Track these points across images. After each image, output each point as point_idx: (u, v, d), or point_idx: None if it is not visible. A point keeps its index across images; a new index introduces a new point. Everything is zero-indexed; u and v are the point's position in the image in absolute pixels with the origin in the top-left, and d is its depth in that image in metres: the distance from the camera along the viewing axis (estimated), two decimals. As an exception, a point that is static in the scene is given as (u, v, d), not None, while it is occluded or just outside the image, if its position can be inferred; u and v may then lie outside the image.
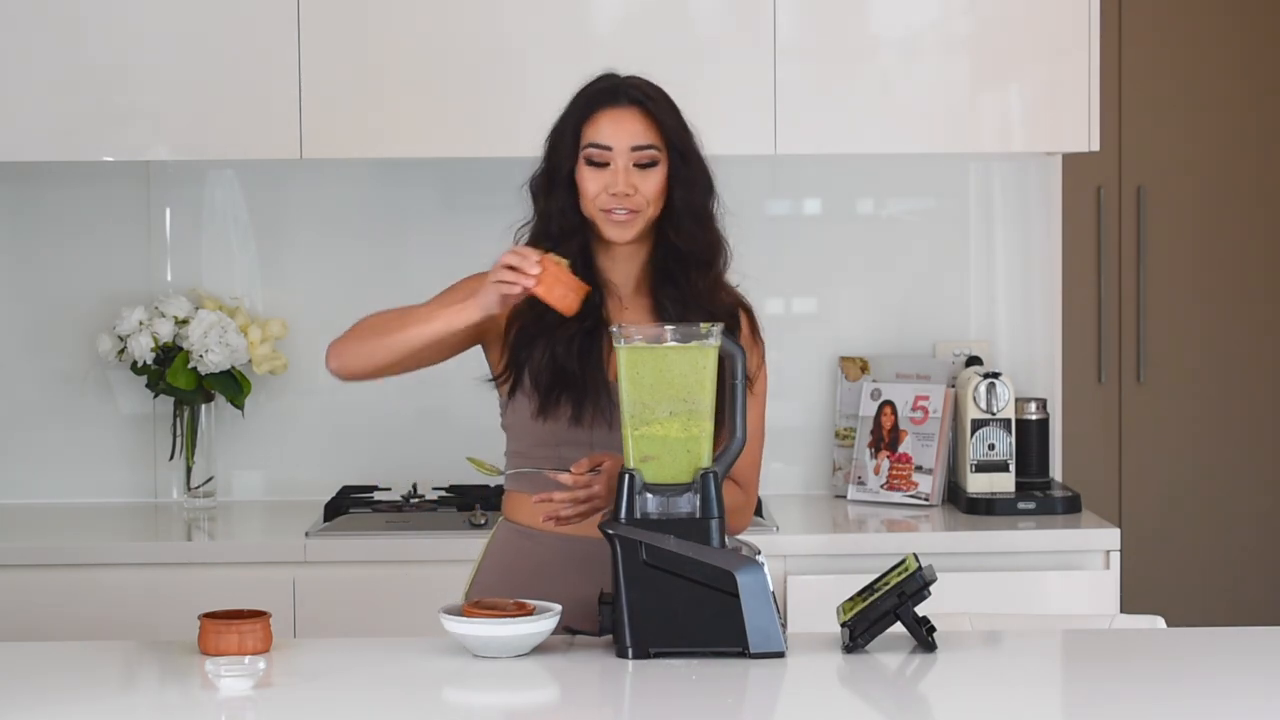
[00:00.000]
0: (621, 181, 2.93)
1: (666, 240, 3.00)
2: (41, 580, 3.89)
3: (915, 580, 2.76)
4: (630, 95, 2.97)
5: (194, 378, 4.28)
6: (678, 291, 2.99)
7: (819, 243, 4.51)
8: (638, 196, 2.94)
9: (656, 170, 2.96)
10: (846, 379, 4.44)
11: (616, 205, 2.94)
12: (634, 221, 2.95)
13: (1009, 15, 4.12)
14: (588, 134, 2.96)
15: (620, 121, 2.95)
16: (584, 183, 2.96)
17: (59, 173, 4.43)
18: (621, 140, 2.95)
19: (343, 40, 4.09)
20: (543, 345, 2.97)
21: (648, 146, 2.95)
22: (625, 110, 2.96)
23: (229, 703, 2.55)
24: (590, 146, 2.95)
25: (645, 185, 2.95)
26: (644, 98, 2.97)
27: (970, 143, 4.18)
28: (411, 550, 3.90)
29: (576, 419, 2.95)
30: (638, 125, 2.96)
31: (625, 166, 2.94)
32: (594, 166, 2.95)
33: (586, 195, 2.96)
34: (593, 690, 2.66)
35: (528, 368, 2.98)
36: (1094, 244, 5.46)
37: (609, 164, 2.94)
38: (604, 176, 2.95)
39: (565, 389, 2.95)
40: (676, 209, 2.98)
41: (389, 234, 4.49)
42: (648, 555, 2.72)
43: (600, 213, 2.95)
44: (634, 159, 2.94)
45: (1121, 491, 5.48)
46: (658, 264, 3.02)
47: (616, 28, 4.14)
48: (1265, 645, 2.88)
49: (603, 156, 2.95)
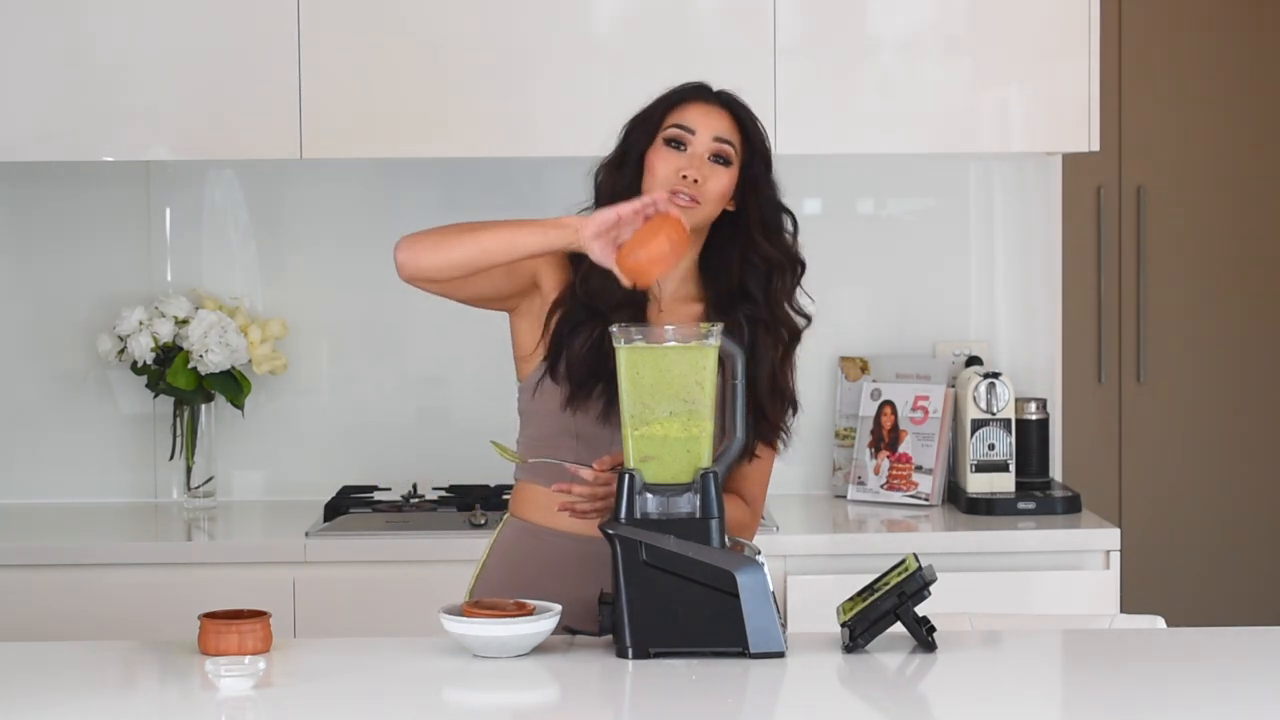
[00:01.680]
0: (696, 167, 2.93)
1: (738, 254, 2.99)
2: (41, 580, 3.89)
3: (915, 580, 2.76)
4: (722, 97, 3.00)
5: (194, 378, 4.28)
6: (755, 309, 2.98)
7: (819, 243, 4.49)
8: (706, 186, 2.94)
9: (728, 171, 2.96)
10: (846, 379, 4.44)
11: (684, 189, 2.93)
12: (694, 211, 2.93)
13: (1009, 15, 4.12)
14: (672, 117, 2.97)
15: (708, 114, 2.98)
16: (656, 163, 2.95)
17: (59, 173, 4.43)
18: (705, 128, 2.96)
19: (343, 40, 4.09)
20: (585, 334, 2.95)
21: (728, 141, 2.97)
22: (715, 107, 2.99)
23: (229, 703, 2.55)
24: (673, 127, 2.96)
25: (714, 180, 2.95)
26: (735, 103, 3.01)
27: (970, 143, 4.18)
28: (411, 550, 3.90)
29: (605, 415, 2.94)
30: (725, 122, 2.98)
31: (702, 154, 2.95)
32: (671, 148, 2.95)
33: (656, 175, 2.94)
34: (593, 690, 2.66)
35: (566, 354, 2.96)
36: (1094, 244, 5.46)
37: (686, 147, 2.95)
38: (679, 159, 2.94)
39: (601, 380, 2.93)
40: (764, 213, 2.99)
41: (389, 234, 4.43)
42: (648, 555, 2.72)
43: (665, 193, 2.91)
44: (713, 150, 2.95)
45: (1121, 491, 5.49)
46: (719, 285, 3.00)
47: (617, 28, 4.15)
48: (1265, 645, 2.88)
49: (683, 138, 2.95)
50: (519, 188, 4.42)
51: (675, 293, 3.03)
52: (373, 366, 4.46)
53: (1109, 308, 5.46)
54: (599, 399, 2.94)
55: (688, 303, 3.03)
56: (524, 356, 3.04)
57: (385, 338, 4.48)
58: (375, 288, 4.46)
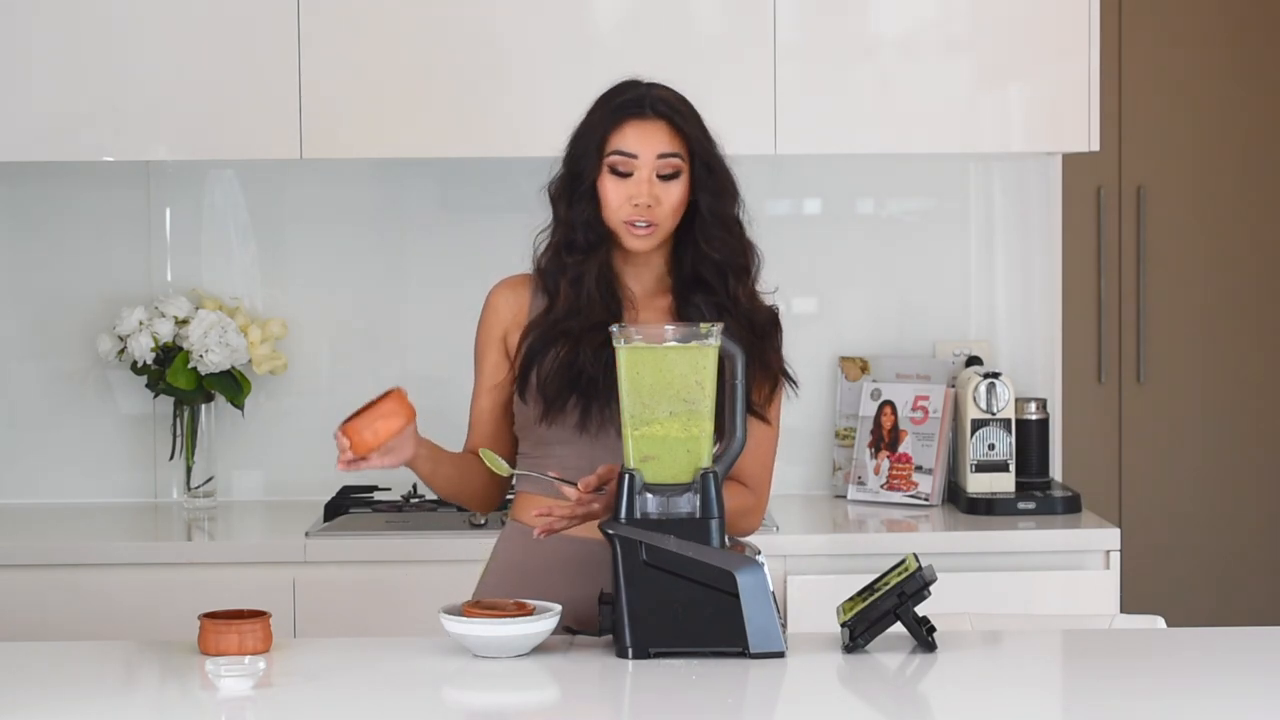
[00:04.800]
0: (645, 192, 2.94)
1: (693, 250, 3.01)
2: (41, 580, 3.89)
3: (915, 580, 2.76)
4: (657, 108, 2.98)
5: (194, 378, 4.28)
6: (713, 298, 3.00)
7: (819, 243, 4.52)
8: (659, 209, 2.95)
9: (679, 181, 2.97)
10: (846, 379, 4.44)
11: (638, 217, 2.95)
12: (654, 234, 2.97)
13: (1009, 15, 4.12)
14: (613, 142, 2.97)
15: (646, 132, 2.96)
16: (606, 193, 2.96)
17: (59, 173, 4.43)
18: (647, 150, 2.95)
19: (343, 40, 4.09)
20: (554, 351, 2.98)
21: (672, 155, 2.96)
22: (652, 122, 2.97)
23: (229, 703, 2.55)
24: (615, 154, 2.96)
25: (667, 196, 2.96)
26: (670, 110, 2.99)
27: (970, 143, 4.18)
28: (411, 550, 3.90)
29: (582, 424, 2.95)
30: (663, 135, 2.97)
31: (649, 177, 2.95)
32: (617, 176, 2.96)
33: (609, 205, 2.96)
34: (593, 690, 2.66)
35: (536, 373, 2.99)
36: (1094, 244, 5.46)
37: (632, 173, 2.95)
38: (627, 187, 2.95)
39: (576, 392, 2.95)
40: (705, 219, 2.99)
41: (388, 234, 4.49)
42: (648, 555, 2.72)
43: (622, 224, 2.96)
44: (658, 168, 2.95)
45: (1121, 491, 5.49)
46: (683, 273, 3.02)
47: (617, 28, 4.15)
48: (1265, 645, 2.88)
49: (628, 165, 2.95)
50: (519, 188, 4.41)
51: (649, 290, 3.04)
52: (373, 366, 4.46)
53: (1109, 308, 5.46)
54: (574, 409, 2.96)
55: (660, 296, 3.04)
56: None
57: (385, 338, 4.48)
58: (375, 288, 4.46)
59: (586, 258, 2.98)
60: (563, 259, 3.00)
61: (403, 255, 4.47)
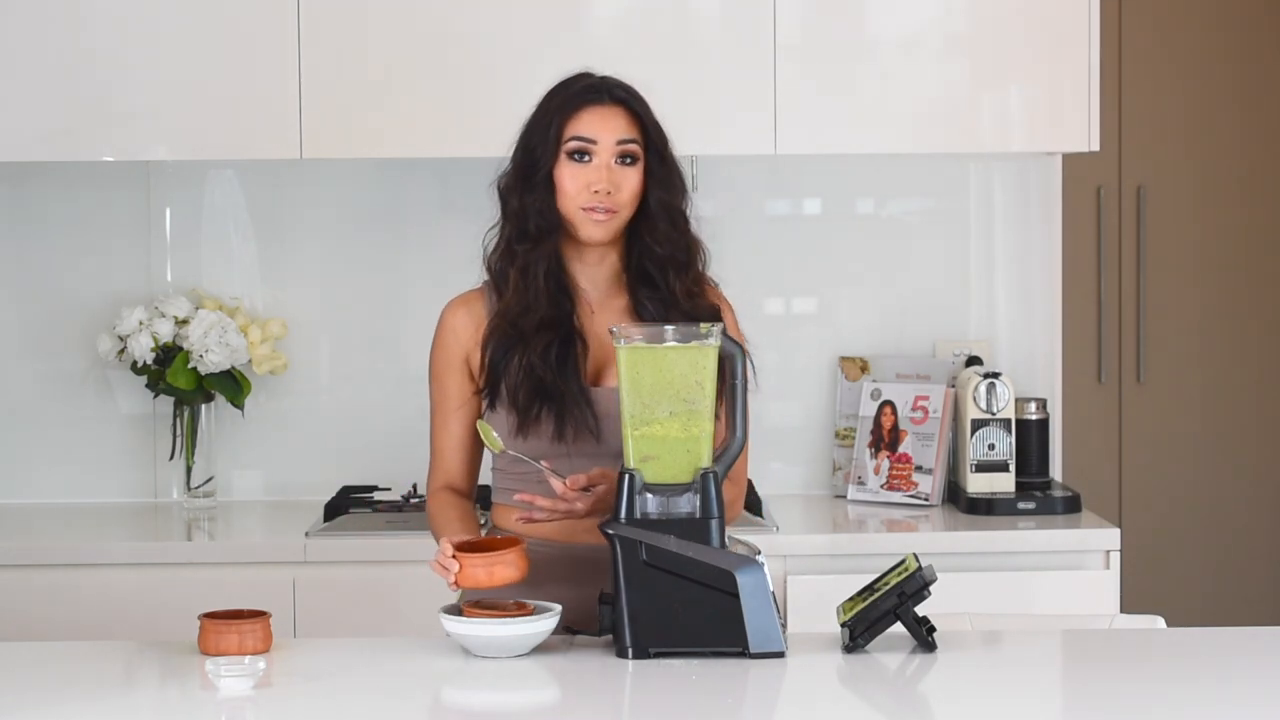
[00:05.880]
0: (604, 179, 2.92)
1: (640, 243, 2.99)
2: (41, 580, 3.89)
3: (915, 580, 2.76)
4: (615, 94, 2.97)
5: (194, 378, 4.28)
6: (657, 294, 2.98)
7: (819, 243, 4.51)
8: (618, 195, 2.93)
9: (636, 169, 2.95)
10: (846, 379, 4.44)
11: (597, 203, 2.92)
12: (611, 221, 2.94)
13: (1009, 15, 4.12)
14: (571, 128, 2.94)
15: (605, 117, 2.94)
16: (563, 180, 2.93)
17: (59, 173, 4.43)
18: (607, 135, 2.94)
19: (343, 40, 4.09)
20: (518, 357, 2.94)
21: (631, 141, 2.94)
22: (610, 108, 2.95)
23: (229, 703, 2.55)
24: (574, 140, 2.93)
25: (626, 183, 2.93)
26: (629, 96, 2.98)
27: (970, 143, 4.18)
28: (411, 550, 3.89)
29: (559, 434, 2.92)
30: (622, 121, 2.95)
31: (608, 163, 2.93)
32: (575, 162, 2.93)
33: (566, 193, 2.93)
34: (593, 690, 2.66)
35: (504, 381, 2.95)
36: (1094, 244, 5.46)
37: (591, 159, 2.93)
38: (586, 173, 2.93)
39: (545, 401, 2.92)
40: (652, 211, 2.97)
41: (389, 234, 4.49)
42: (648, 555, 2.72)
43: (580, 211, 2.93)
44: (617, 152, 2.93)
45: (1121, 491, 5.49)
46: (633, 268, 3.00)
47: (616, 28, 4.14)
48: (1265, 645, 2.88)
49: (587, 149, 2.93)
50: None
51: (604, 291, 3.02)
52: (373, 366, 4.47)
53: (1109, 308, 5.46)
54: (548, 419, 2.92)
55: (617, 296, 3.02)
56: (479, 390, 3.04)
57: (385, 338, 4.48)
58: (375, 288, 4.46)
59: (535, 246, 2.94)
60: (513, 249, 2.96)
61: (402, 255, 4.47)
